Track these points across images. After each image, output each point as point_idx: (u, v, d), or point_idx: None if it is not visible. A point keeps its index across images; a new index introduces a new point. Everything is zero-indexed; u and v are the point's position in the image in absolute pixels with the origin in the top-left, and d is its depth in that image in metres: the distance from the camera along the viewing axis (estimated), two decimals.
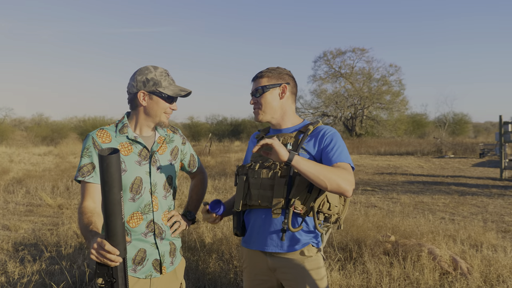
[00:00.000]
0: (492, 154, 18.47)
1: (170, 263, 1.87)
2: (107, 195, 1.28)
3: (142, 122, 1.85)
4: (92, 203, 1.71)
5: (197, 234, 4.91)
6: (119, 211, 1.30)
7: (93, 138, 1.77)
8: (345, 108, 35.14)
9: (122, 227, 1.34)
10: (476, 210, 7.36)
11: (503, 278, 3.58)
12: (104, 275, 1.38)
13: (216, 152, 19.60)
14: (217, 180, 10.67)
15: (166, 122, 1.87)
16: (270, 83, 1.92)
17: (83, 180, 1.73)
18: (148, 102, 1.81)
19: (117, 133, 1.81)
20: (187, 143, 2.07)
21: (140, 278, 1.79)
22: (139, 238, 1.79)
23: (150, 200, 1.80)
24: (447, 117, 34.03)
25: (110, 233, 1.33)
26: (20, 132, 35.46)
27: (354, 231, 4.58)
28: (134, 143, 1.82)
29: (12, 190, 9.19)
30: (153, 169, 1.82)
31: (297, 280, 1.80)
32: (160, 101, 1.81)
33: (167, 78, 1.83)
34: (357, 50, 35.32)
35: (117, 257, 1.34)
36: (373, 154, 20.56)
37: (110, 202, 1.28)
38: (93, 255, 1.37)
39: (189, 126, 34.82)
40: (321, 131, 1.87)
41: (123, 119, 1.87)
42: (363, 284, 3.52)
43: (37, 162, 15.61)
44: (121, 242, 1.35)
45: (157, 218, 1.83)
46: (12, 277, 3.92)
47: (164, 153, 1.90)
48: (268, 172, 1.82)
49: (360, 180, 11.40)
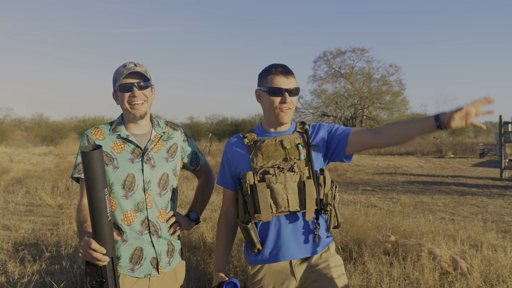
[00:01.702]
0: (492, 154, 18.47)
1: (167, 263, 1.84)
2: (91, 192, 1.26)
3: (126, 120, 1.87)
4: None
5: (198, 234, 4.91)
6: (104, 209, 1.28)
7: (87, 136, 1.81)
8: (345, 108, 35.14)
9: (109, 226, 1.31)
10: (476, 210, 7.36)
11: (503, 278, 3.58)
12: (93, 274, 1.36)
13: (216, 152, 19.60)
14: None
15: (136, 112, 1.80)
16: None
17: (79, 177, 1.77)
18: (117, 100, 1.86)
19: (111, 131, 1.84)
20: (189, 140, 2.02)
21: (139, 277, 1.77)
22: (135, 236, 1.77)
23: (143, 197, 1.79)
24: None
25: (97, 231, 1.31)
26: (20, 132, 35.45)
27: (354, 231, 4.58)
28: (127, 142, 1.83)
29: (12, 190, 9.19)
30: (146, 166, 1.81)
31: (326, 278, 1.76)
32: (120, 95, 1.82)
33: (124, 69, 1.80)
34: (357, 50, 35.33)
35: (103, 256, 1.32)
36: (373, 154, 20.56)
37: (94, 199, 1.27)
38: (80, 253, 1.37)
39: (189, 126, 34.80)
40: (316, 126, 1.91)
41: (118, 118, 1.90)
42: (363, 284, 3.52)
43: (37, 162, 15.60)
44: (109, 241, 1.32)
45: (152, 215, 1.81)
46: (12, 277, 3.92)
47: (159, 150, 1.87)
48: (293, 175, 1.77)
49: (360, 180, 11.40)
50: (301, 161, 1.79)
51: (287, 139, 1.83)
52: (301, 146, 1.81)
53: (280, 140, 1.83)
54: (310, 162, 1.79)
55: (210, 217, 6.12)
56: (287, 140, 1.82)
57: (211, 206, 7.51)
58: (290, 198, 1.74)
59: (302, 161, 1.79)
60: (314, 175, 1.78)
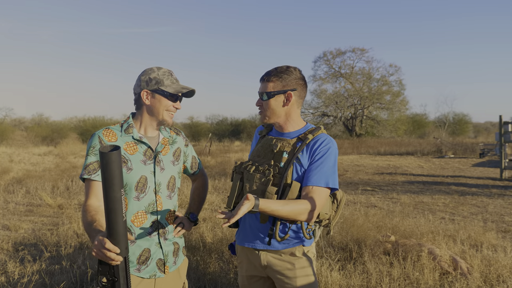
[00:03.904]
0: (492, 154, 18.46)
1: (173, 263, 1.89)
2: (108, 192, 1.27)
3: (147, 122, 1.88)
4: (96, 201, 1.72)
5: (198, 234, 4.91)
6: (119, 209, 1.29)
7: (100, 136, 1.79)
8: (345, 108, 35.14)
9: (124, 226, 1.33)
10: (476, 210, 7.36)
11: (503, 278, 3.58)
12: (106, 273, 1.37)
13: (216, 152, 19.60)
14: (217, 180, 10.67)
15: (170, 121, 1.88)
16: (275, 89, 1.90)
17: (89, 178, 1.74)
18: (151, 101, 1.84)
19: (123, 132, 1.84)
20: (189, 145, 2.09)
21: (144, 278, 1.80)
22: (144, 238, 1.80)
23: (154, 199, 1.82)
24: (447, 117, 34.04)
25: (111, 231, 1.32)
26: (20, 132, 35.46)
27: (354, 231, 4.58)
28: (139, 143, 1.84)
29: (12, 190, 9.19)
30: (157, 169, 1.85)
31: (287, 277, 1.88)
32: (162, 99, 1.83)
33: (170, 77, 1.86)
34: (357, 50, 35.35)
35: (117, 256, 1.33)
36: (373, 154, 20.55)
37: (111, 200, 1.27)
38: (94, 252, 1.37)
39: (189, 126, 34.80)
40: (317, 143, 1.86)
41: (128, 119, 1.89)
42: (363, 284, 3.52)
43: (37, 162, 15.60)
44: (122, 241, 1.33)
45: (161, 217, 1.85)
46: (12, 277, 3.92)
47: (167, 154, 1.92)
48: (261, 178, 1.84)
49: (360, 180, 11.40)
50: (277, 168, 1.85)
51: (282, 142, 1.90)
52: (286, 154, 1.86)
53: (274, 142, 1.91)
54: (285, 171, 1.83)
55: (210, 217, 6.12)
56: (278, 144, 1.90)
57: (211, 206, 7.51)
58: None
59: (278, 168, 1.84)
60: (281, 184, 1.81)
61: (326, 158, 1.83)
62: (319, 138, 1.88)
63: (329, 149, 1.85)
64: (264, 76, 1.93)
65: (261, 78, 1.95)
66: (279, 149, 1.88)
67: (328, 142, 1.86)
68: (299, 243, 1.91)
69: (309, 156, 1.85)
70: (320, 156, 1.83)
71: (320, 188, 1.80)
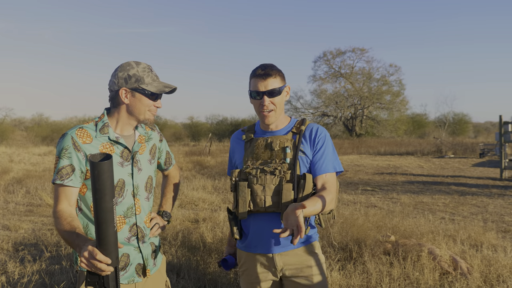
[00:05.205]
0: (492, 154, 18.46)
1: (153, 264, 1.82)
2: (99, 203, 1.22)
3: (124, 121, 1.74)
4: (68, 206, 1.62)
5: (198, 234, 4.91)
6: (111, 219, 1.25)
7: (73, 137, 1.64)
8: (345, 108, 35.15)
9: (115, 236, 1.29)
10: (476, 210, 7.36)
11: (503, 278, 3.58)
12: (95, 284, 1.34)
13: (216, 152, 19.60)
14: (217, 180, 10.67)
15: (152, 120, 1.76)
16: (282, 84, 1.86)
17: (61, 183, 1.61)
18: (130, 100, 1.70)
19: (98, 132, 1.69)
20: (163, 140, 1.98)
21: (123, 283, 1.73)
22: (122, 243, 1.70)
23: (132, 203, 1.73)
24: (447, 117, 34.03)
25: (102, 241, 1.28)
26: (20, 132, 35.49)
27: (354, 231, 4.58)
28: (116, 144, 1.71)
29: (12, 190, 9.19)
30: (135, 170, 1.74)
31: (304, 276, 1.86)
32: (143, 98, 1.70)
33: (150, 74, 1.72)
34: (357, 50, 35.37)
35: (108, 267, 1.29)
36: (373, 154, 20.55)
37: (102, 210, 1.23)
38: (83, 264, 1.31)
39: (189, 126, 34.84)
40: (313, 133, 1.89)
41: (103, 117, 1.75)
42: (363, 284, 3.52)
43: (37, 162, 15.61)
44: (113, 251, 1.30)
45: (140, 221, 1.76)
46: (12, 277, 3.92)
47: (143, 152, 1.81)
48: (273, 178, 1.81)
49: (360, 180, 11.40)
50: (285, 164, 1.83)
51: (277, 140, 1.88)
52: (289, 149, 1.84)
53: (270, 141, 1.88)
54: (294, 166, 1.82)
55: (210, 217, 6.12)
56: (277, 142, 1.87)
57: (211, 206, 7.51)
58: (267, 199, 1.81)
59: (286, 164, 1.83)
60: (295, 179, 1.80)
61: (326, 144, 1.88)
62: (312, 127, 1.91)
63: (325, 136, 1.90)
64: (267, 71, 1.82)
65: (259, 74, 1.82)
66: (280, 146, 1.86)
67: (322, 130, 1.91)
68: (316, 238, 1.93)
69: (311, 146, 1.88)
70: (321, 144, 1.87)
71: (331, 174, 1.86)
